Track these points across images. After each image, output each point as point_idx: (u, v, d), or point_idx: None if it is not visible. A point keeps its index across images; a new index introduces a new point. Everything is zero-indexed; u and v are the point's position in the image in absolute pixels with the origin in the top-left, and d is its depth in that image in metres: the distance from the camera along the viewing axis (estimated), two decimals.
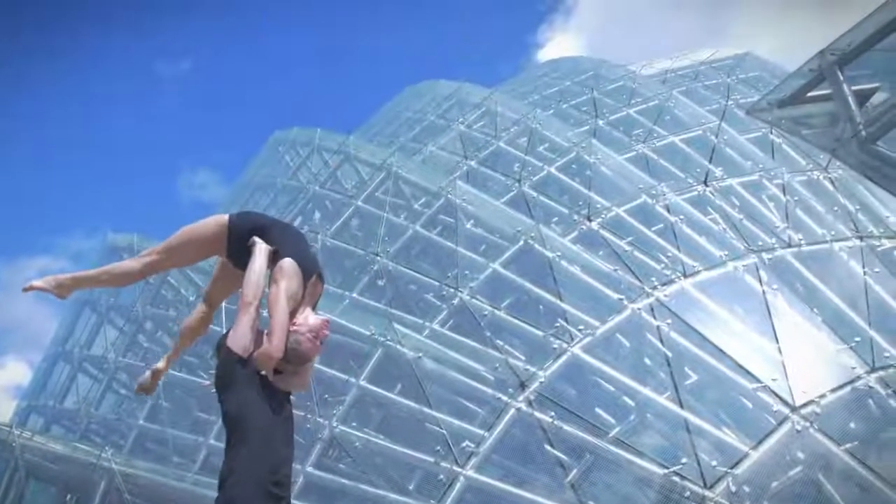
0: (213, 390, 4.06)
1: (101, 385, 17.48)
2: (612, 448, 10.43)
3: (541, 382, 10.88)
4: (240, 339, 4.01)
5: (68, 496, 15.42)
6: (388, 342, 12.02)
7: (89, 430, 16.73)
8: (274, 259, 4.25)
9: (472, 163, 17.00)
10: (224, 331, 4.19)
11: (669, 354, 11.42)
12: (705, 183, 14.47)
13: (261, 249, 4.23)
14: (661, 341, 11.42)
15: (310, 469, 11.46)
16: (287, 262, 4.29)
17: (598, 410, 11.86)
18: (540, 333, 11.83)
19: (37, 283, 4.41)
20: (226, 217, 4.40)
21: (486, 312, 12.45)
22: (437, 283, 13.51)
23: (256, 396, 3.98)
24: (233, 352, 4.00)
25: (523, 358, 11.99)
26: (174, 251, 4.38)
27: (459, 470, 10.27)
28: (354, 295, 14.24)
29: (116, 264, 4.58)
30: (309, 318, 4.21)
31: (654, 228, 13.79)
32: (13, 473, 14.39)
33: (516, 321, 12.34)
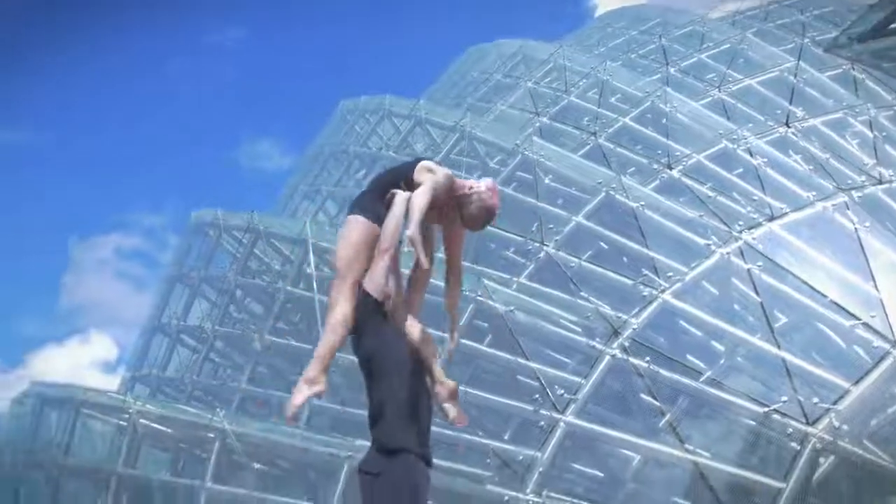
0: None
1: (200, 354, 18.33)
2: (710, 390, 10.57)
3: (633, 329, 11.05)
4: (374, 281, 4.31)
5: (181, 459, 16.37)
6: (478, 297, 12.31)
7: (193, 396, 17.59)
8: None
9: (544, 119, 17.06)
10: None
11: (760, 297, 11.44)
12: (787, 124, 14.29)
13: (399, 199, 4.47)
14: (752, 284, 11.43)
15: None
16: (427, 162, 4.58)
17: (690, 356, 12.01)
18: (628, 282, 11.96)
19: (297, 401, 4.26)
20: (358, 216, 4.45)
21: (572, 264, 12.64)
22: (520, 239, 13.71)
23: (393, 336, 4.31)
24: (368, 297, 4.29)
25: (612, 307, 12.14)
26: (352, 266, 4.38)
27: (559, 416, 10.56)
28: (439, 255, 14.53)
29: (329, 325, 4.35)
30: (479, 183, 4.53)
31: (736, 173, 13.74)
32: (130, 440, 15.29)
33: (603, 271, 12.50)
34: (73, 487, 16.73)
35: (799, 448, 9.11)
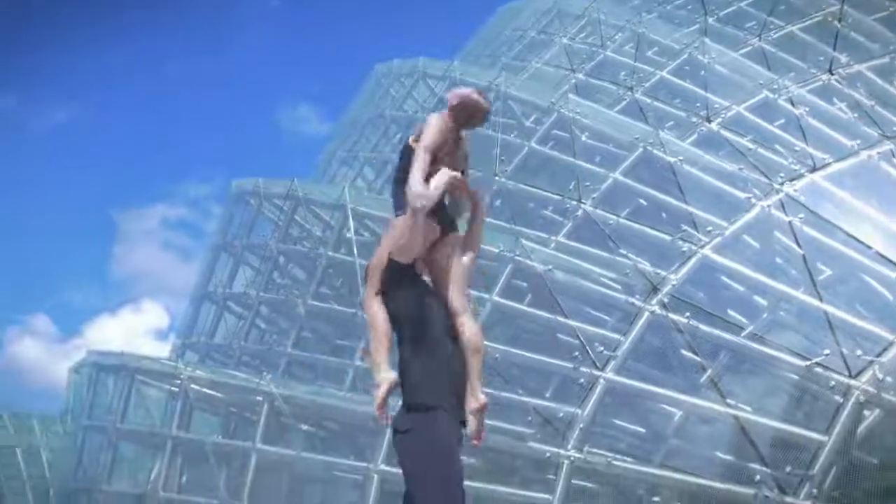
0: None
1: (246, 321, 18.76)
2: (751, 344, 10.50)
3: (672, 285, 11.01)
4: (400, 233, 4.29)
5: (232, 423, 16.89)
6: (517, 257, 12.35)
7: (241, 361, 18.05)
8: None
9: (580, 75, 16.84)
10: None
11: (802, 250, 11.27)
12: (830, 71, 13.89)
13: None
14: (794, 237, 11.26)
15: None
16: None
17: (731, 311, 11.93)
18: (667, 238, 11.87)
19: (379, 400, 4.23)
20: (398, 217, 4.39)
21: (610, 222, 12.58)
22: (558, 198, 13.67)
23: (422, 296, 4.29)
24: (395, 262, 4.31)
25: (651, 264, 12.08)
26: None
27: (599, 373, 10.62)
28: None
29: (372, 325, 4.35)
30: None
31: (777, 124, 13.44)
32: (182, 404, 15.81)
33: (642, 228, 12.42)
34: (130, 451, 17.37)
35: (841, 401, 9.04)
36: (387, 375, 4.21)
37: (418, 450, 4.04)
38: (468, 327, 4.35)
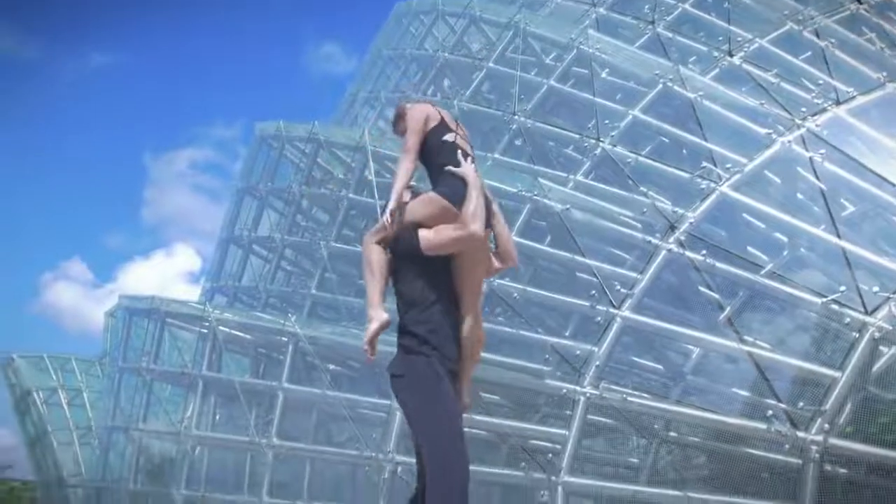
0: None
1: (272, 264, 19.08)
2: (768, 282, 10.48)
3: (690, 223, 10.95)
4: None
5: (260, 363, 17.34)
6: (535, 197, 12.36)
7: (268, 303, 18.43)
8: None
9: (601, 10, 16.44)
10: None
11: (824, 186, 11.13)
12: (859, 0, 13.45)
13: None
14: (815, 173, 11.11)
15: None
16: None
17: (751, 248, 11.87)
18: (686, 176, 11.77)
19: (368, 337, 4.47)
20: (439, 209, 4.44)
21: (629, 160, 12.48)
22: (576, 136, 13.58)
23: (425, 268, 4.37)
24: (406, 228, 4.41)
25: (670, 202, 12.02)
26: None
27: (616, 311, 10.70)
28: (496, 156, 14.63)
29: (367, 261, 4.50)
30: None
31: (802, 57, 13.09)
32: (211, 346, 16.25)
33: (661, 166, 12.31)
34: (164, 391, 17.96)
35: (856, 337, 9.04)
36: (378, 314, 4.39)
37: (411, 389, 4.22)
38: (473, 331, 4.49)
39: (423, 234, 4.36)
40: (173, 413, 16.97)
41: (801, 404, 8.96)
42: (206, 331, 16.17)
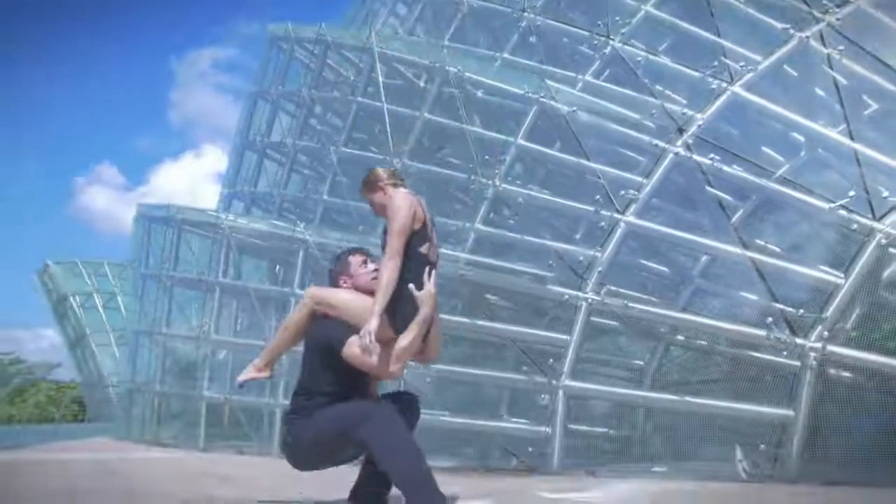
0: None
1: (285, 168, 19.04)
2: (777, 187, 10.16)
3: (699, 125, 10.59)
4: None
5: (277, 267, 17.56)
6: (542, 99, 12.04)
7: (283, 209, 18.50)
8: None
9: None
10: None
11: (844, 82, 10.62)
12: None
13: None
14: (833, 70, 10.58)
15: (479, 226, 12.23)
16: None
17: (766, 149, 11.50)
18: (697, 75, 11.30)
19: (242, 378, 5.64)
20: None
21: (639, 58, 12.03)
22: (587, 33, 13.09)
23: None
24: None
25: (684, 102, 11.62)
26: None
27: (619, 216, 10.53)
28: (505, 55, 14.23)
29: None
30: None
31: None
32: (227, 252, 16.47)
33: (672, 64, 11.84)
34: (184, 296, 18.36)
35: (863, 243, 8.78)
36: (259, 369, 5.66)
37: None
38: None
39: (351, 349, 4.70)
40: (193, 318, 17.40)
41: (801, 311, 8.80)
42: (221, 239, 16.35)
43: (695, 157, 10.34)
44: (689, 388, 10.82)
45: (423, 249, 4.82)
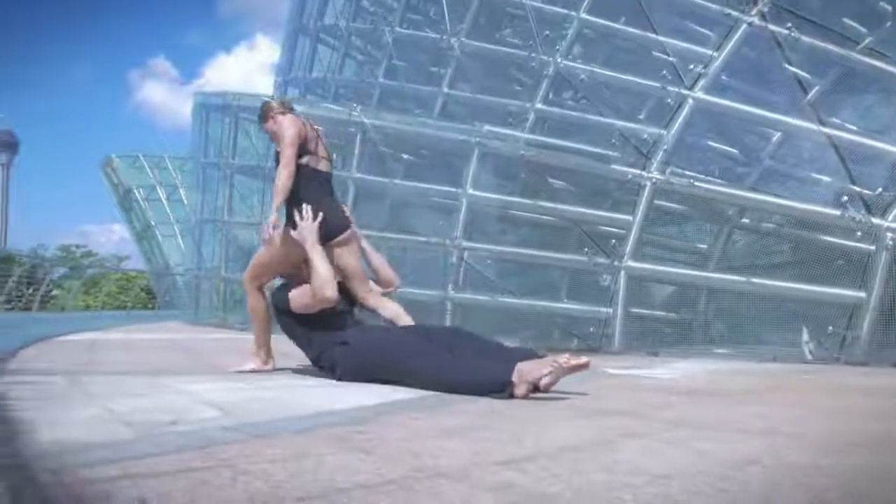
0: None
1: (340, 53, 18.68)
2: (861, 58, 9.52)
3: None
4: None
5: (334, 155, 17.48)
6: None
7: (338, 94, 18.27)
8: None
9: None
10: None
11: None
12: None
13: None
14: None
15: (539, 105, 11.89)
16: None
17: (846, 20, 10.74)
18: None
19: (236, 367, 6.00)
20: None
21: None
22: None
23: None
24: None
25: None
26: None
27: (687, 92, 10.08)
28: None
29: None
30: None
31: None
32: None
33: None
34: (243, 181, 18.55)
35: None
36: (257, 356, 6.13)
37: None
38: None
39: (292, 301, 5.47)
40: (255, 206, 17.62)
41: (879, 189, 8.40)
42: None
43: (770, 27, 9.71)
44: (755, 271, 10.58)
45: (305, 161, 5.76)
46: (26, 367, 5.72)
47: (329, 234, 5.67)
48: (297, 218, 5.58)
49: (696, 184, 9.85)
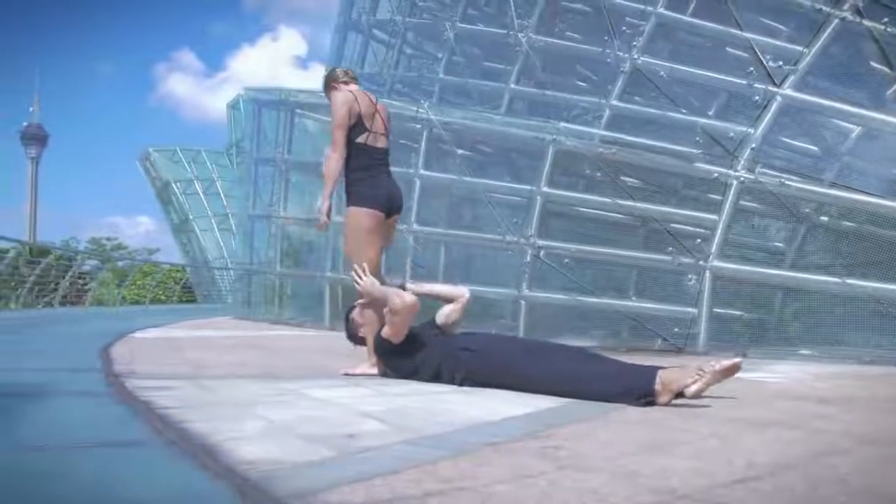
0: None
1: (395, 48, 18.60)
2: None
3: None
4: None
5: (398, 150, 17.45)
6: None
7: (393, 90, 18.20)
8: None
9: None
10: None
11: None
12: None
13: None
14: None
15: (614, 102, 11.77)
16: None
17: None
18: None
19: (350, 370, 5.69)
20: None
21: None
22: None
23: None
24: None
25: None
26: None
27: (776, 90, 9.92)
28: None
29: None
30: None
31: None
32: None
33: None
34: (298, 179, 18.56)
35: None
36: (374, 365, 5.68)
37: None
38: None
39: (386, 333, 5.22)
40: (313, 203, 17.60)
41: None
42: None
43: (865, 23, 9.53)
44: (833, 270, 10.42)
45: (362, 140, 5.67)
46: (138, 371, 5.52)
47: (390, 209, 5.91)
48: (354, 276, 5.56)
49: (786, 182, 9.70)
